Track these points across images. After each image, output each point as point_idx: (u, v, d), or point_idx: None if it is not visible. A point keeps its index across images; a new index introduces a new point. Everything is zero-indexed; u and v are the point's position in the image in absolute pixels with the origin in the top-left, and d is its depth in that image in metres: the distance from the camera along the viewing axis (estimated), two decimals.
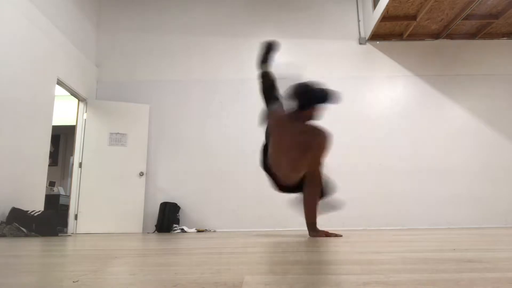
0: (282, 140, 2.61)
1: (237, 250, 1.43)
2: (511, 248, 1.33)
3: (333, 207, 2.92)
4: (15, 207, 3.59)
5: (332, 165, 5.37)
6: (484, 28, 5.67)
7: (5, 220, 3.44)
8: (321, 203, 2.67)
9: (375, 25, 5.47)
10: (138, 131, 5.43)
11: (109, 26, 6.02)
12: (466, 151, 5.48)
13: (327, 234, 2.56)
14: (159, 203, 5.21)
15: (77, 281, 0.70)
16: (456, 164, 5.44)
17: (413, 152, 5.50)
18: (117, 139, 5.31)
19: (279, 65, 3.32)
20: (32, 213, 3.54)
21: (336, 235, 2.57)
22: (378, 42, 5.92)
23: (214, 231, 5.05)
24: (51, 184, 6.01)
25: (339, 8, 6.10)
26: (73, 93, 5.16)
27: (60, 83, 4.76)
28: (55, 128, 4.87)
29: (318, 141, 2.48)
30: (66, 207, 5.20)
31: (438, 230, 4.07)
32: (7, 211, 3.53)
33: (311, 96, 2.53)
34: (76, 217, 4.99)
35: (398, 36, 5.90)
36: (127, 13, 6.08)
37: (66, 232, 4.87)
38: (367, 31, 5.84)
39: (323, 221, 3.65)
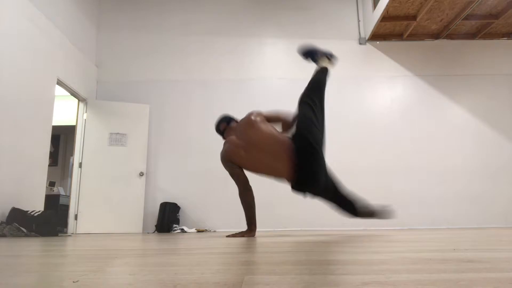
0: None
1: (237, 250, 1.43)
2: (511, 248, 1.33)
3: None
4: (15, 207, 3.59)
5: (332, 165, 5.36)
6: (484, 28, 5.67)
7: (5, 220, 3.44)
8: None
9: (375, 25, 5.47)
10: (138, 131, 5.43)
11: (109, 26, 6.02)
12: (466, 151, 5.48)
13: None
14: (159, 203, 5.21)
15: (77, 281, 0.70)
16: (456, 164, 5.44)
17: (413, 152, 5.50)
18: (117, 139, 5.31)
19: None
20: (32, 213, 3.54)
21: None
22: (378, 42, 5.92)
23: (214, 231, 5.05)
24: (51, 184, 6.00)
25: (339, 8, 6.10)
26: (73, 93, 5.16)
27: (60, 83, 4.76)
28: (55, 128, 4.86)
29: None
30: (66, 207, 5.20)
31: (438, 230, 4.07)
32: (7, 211, 3.53)
33: None
34: (76, 217, 4.99)
35: (398, 36, 5.90)
36: (127, 13, 6.08)
37: (66, 232, 4.87)
38: (367, 31, 5.84)
39: (322, 221, 3.66)
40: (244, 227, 3.17)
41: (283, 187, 5.39)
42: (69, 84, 4.93)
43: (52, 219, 3.73)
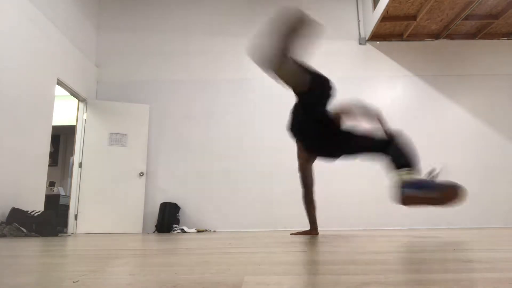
0: None
1: (237, 250, 1.43)
2: (511, 248, 1.33)
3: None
4: (15, 207, 3.59)
5: (332, 165, 5.36)
6: (484, 28, 5.67)
7: (5, 220, 3.44)
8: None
9: (375, 25, 5.47)
10: (138, 131, 5.43)
11: (109, 26, 6.02)
12: (466, 151, 5.48)
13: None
14: (159, 203, 5.21)
15: (77, 281, 0.70)
16: (455, 163, 5.43)
17: None
18: (117, 139, 5.31)
19: None
20: (32, 213, 3.54)
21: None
22: (378, 42, 5.92)
23: (214, 231, 5.05)
24: (51, 184, 6.00)
25: (339, 8, 6.10)
26: (73, 93, 5.15)
27: (60, 83, 4.75)
28: (55, 128, 4.86)
29: None
30: (66, 207, 5.20)
31: (438, 230, 4.07)
32: (7, 211, 3.53)
33: None
34: (76, 217, 4.99)
35: (398, 36, 5.89)
36: (127, 13, 6.08)
37: (66, 232, 4.87)
38: (367, 31, 5.84)
39: (322, 221, 3.65)
40: (243, 226, 3.17)
41: (283, 187, 5.40)
42: (69, 84, 4.93)
43: (52, 219, 3.73)
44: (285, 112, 3.18)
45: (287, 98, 6.11)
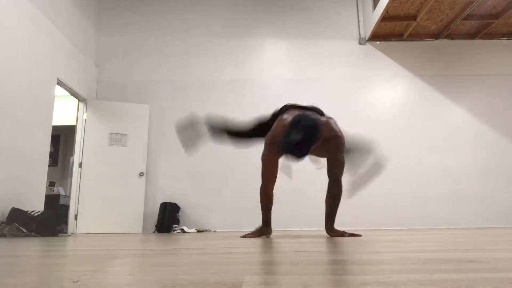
0: None
1: (237, 250, 1.43)
2: (511, 248, 1.33)
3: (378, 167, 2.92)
4: (15, 207, 3.59)
5: None
6: (484, 28, 5.67)
7: (5, 220, 3.44)
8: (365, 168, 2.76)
9: (375, 25, 5.47)
10: (138, 131, 5.43)
11: (109, 26, 6.02)
12: (466, 151, 5.48)
13: (344, 234, 2.71)
14: (159, 203, 5.21)
15: (77, 281, 0.70)
16: (456, 164, 5.43)
17: (413, 152, 5.50)
18: (117, 139, 5.31)
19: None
20: (32, 213, 3.54)
21: (353, 235, 2.70)
22: (378, 42, 5.92)
23: (214, 231, 5.05)
24: (51, 184, 6.00)
25: (339, 8, 6.10)
26: (73, 93, 5.15)
27: (60, 83, 4.75)
28: (55, 128, 4.86)
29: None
30: (66, 207, 5.20)
31: (438, 230, 4.07)
32: (7, 211, 3.53)
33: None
34: (76, 217, 4.99)
35: (398, 36, 5.90)
36: (127, 13, 6.08)
37: (66, 232, 4.86)
38: (367, 31, 5.84)
39: (322, 221, 3.66)
40: (243, 226, 3.16)
41: (283, 187, 5.39)
42: (69, 84, 4.93)
43: (52, 219, 3.73)
44: None
45: (286, 99, 6.11)
